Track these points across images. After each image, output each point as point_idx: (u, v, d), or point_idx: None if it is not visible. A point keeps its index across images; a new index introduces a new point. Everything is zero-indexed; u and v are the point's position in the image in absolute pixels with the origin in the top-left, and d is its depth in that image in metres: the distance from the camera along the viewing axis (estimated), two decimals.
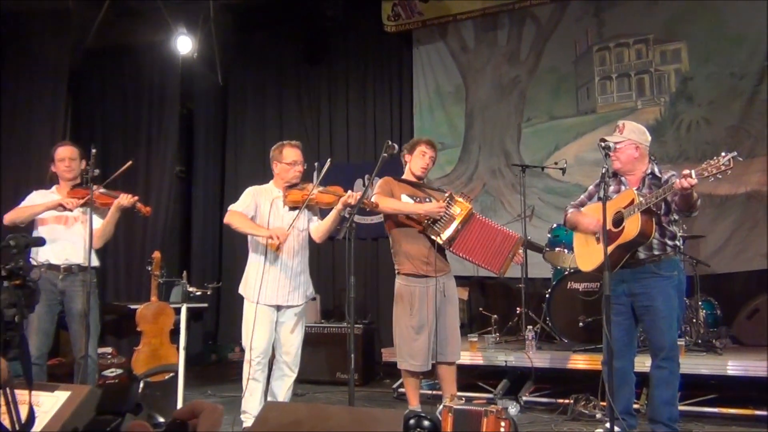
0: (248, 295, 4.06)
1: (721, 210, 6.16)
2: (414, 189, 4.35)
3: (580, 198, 4.05)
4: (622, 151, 3.73)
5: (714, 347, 5.04)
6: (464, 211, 4.17)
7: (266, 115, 8.57)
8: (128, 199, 4.20)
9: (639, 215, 3.52)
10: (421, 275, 4.22)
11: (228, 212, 4.13)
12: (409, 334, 4.20)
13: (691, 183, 3.29)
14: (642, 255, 3.64)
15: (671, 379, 3.64)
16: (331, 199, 3.97)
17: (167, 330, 5.02)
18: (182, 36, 7.14)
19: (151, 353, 4.96)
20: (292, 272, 4.09)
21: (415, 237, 4.25)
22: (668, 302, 3.63)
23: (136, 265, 7.33)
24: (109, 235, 4.31)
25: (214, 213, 8.62)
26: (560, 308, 5.56)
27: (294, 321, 4.12)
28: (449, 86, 7.62)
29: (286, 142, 4.25)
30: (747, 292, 6.00)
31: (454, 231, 4.15)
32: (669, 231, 3.67)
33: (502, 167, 7.25)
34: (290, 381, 4.12)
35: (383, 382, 6.24)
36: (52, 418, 2.74)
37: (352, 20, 7.88)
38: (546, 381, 5.28)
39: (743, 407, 4.55)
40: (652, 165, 3.79)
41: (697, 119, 6.40)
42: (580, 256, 3.99)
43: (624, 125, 3.81)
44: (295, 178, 4.13)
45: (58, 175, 4.30)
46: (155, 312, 5.06)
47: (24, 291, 2.15)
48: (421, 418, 2.40)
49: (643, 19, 6.68)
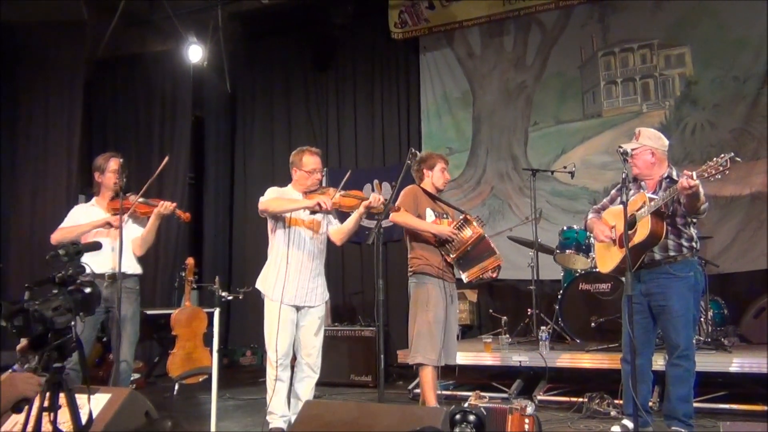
0: (268, 292, 4.12)
1: (726, 211, 6.27)
2: (433, 203, 4.50)
3: (603, 202, 4.18)
4: (638, 157, 3.85)
5: (723, 345, 5.15)
6: (475, 235, 4.31)
7: (274, 121, 8.68)
8: (168, 208, 4.29)
9: (649, 217, 3.63)
10: (434, 274, 4.38)
11: (260, 202, 4.13)
12: (428, 329, 4.31)
13: (691, 183, 3.40)
14: (658, 256, 3.75)
15: (687, 377, 3.74)
16: (354, 202, 4.05)
17: (201, 333, 5.12)
18: (193, 45, 7.25)
19: (185, 356, 5.05)
20: (311, 274, 4.18)
21: (428, 248, 4.42)
22: (683, 302, 3.73)
23: (149, 271, 7.39)
24: (151, 242, 4.40)
25: (224, 219, 8.74)
26: (572, 309, 5.67)
27: (315, 322, 4.21)
28: (456, 92, 7.73)
29: (306, 148, 4.29)
30: (752, 292, 6.11)
31: (463, 252, 4.32)
32: (685, 233, 3.77)
33: (510, 171, 7.36)
34: (313, 382, 4.19)
35: (397, 384, 6.33)
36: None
37: (359, 27, 8.00)
38: (558, 380, 5.37)
39: (753, 404, 4.65)
40: (670, 169, 3.90)
41: (702, 122, 6.52)
42: (600, 258, 4.13)
43: (640, 132, 3.93)
44: (313, 185, 4.21)
45: (101, 185, 4.35)
46: (189, 316, 5.17)
47: (79, 296, 2.24)
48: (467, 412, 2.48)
49: (647, 24, 6.80)
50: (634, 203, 3.78)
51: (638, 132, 3.95)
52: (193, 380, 4.93)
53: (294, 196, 4.23)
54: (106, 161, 4.35)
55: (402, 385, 6.12)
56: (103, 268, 4.15)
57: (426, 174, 4.56)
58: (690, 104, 6.60)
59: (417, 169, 4.59)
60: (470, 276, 4.40)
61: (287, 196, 4.21)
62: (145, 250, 4.37)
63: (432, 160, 4.56)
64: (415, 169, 4.59)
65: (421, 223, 4.37)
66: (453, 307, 4.47)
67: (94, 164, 4.43)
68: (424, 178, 4.57)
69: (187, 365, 4.94)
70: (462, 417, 2.43)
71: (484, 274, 4.37)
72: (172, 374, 4.93)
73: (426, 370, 4.33)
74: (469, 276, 4.40)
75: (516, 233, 6.35)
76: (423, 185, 4.57)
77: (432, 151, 4.91)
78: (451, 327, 4.45)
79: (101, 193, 4.40)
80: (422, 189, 4.54)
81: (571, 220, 6.40)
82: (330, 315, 7.25)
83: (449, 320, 4.41)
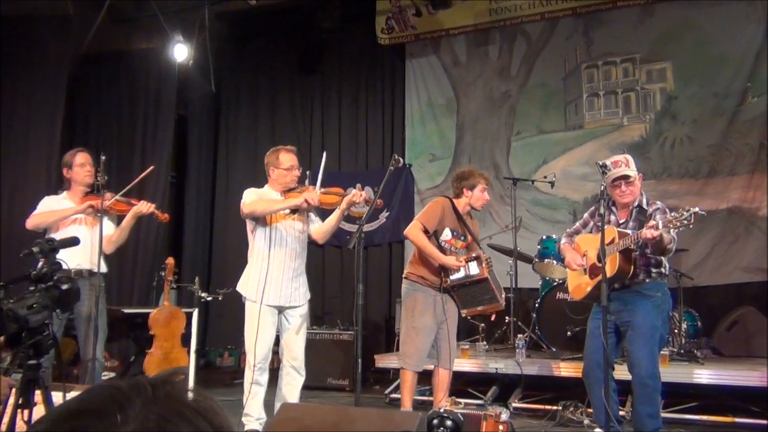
0: (249, 294, 4.09)
1: (703, 225, 6.34)
2: (458, 223, 4.50)
3: (575, 226, 4.20)
4: (636, 185, 3.84)
5: (696, 357, 5.23)
6: (479, 277, 4.33)
7: (259, 123, 8.67)
8: (147, 207, 4.27)
9: (617, 255, 3.67)
10: (425, 285, 4.46)
11: (243, 205, 4.09)
12: (410, 335, 4.42)
13: (654, 235, 3.47)
14: (627, 281, 3.80)
15: (653, 394, 3.78)
16: (335, 199, 4.03)
17: (179, 334, 5.11)
18: (179, 44, 7.24)
19: (163, 356, 5.04)
20: (294, 273, 4.16)
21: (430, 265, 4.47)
22: (648, 320, 3.76)
23: (127, 270, 7.38)
24: (123, 241, 4.39)
25: (205, 219, 8.71)
26: (549, 318, 5.72)
27: (298, 323, 4.20)
28: (441, 99, 7.78)
29: (281, 147, 4.28)
30: (727, 305, 6.22)
31: (460, 284, 4.36)
32: (654, 259, 3.81)
33: (492, 179, 7.35)
34: (300, 384, 4.18)
35: (374, 388, 6.34)
36: None
37: (346, 32, 8.03)
38: (534, 388, 5.42)
39: (723, 415, 4.73)
40: (641, 196, 3.90)
41: (681, 137, 6.62)
42: (572, 285, 4.16)
43: (627, 160, 3.86)
44: (292, 182, 4.18)
45: (71, 181, 4.34)
46: (167, 316, 5.16)
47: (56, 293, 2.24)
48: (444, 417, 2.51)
49: (631, 38, 6.91)
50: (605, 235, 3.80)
51: (626, 160, 3.86)
52: None
53: (273, 196, 4.20)
54: (72, 156, 4.34)
55: (379, 390, 6.13)
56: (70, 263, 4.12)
57: (465, 194, 4.50)
58: (670, 119, 6.71)
59: (455, 186, 4.54)
60: (469, 313, 4.54)
61: (267, 197, 4.18)
62: (115, 248, 4.36)
63: (473, 179, 4.48)
64: (453, 186, 4.58)
65: (432, 250, 4.38)
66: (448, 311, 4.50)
67: (63, 160, 4.41)
68: (462, 197, 4.51)
69: (164, 365, 4.93)
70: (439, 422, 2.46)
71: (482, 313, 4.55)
72: (149, 374, 4.91)
73: (404, 373, 4.46)
74: (468, 313, 4.53)
75: (496, 241, 6.40)
76: (457, 203, 4.52)
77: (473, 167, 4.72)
78: (445, 334, 4.49)
79: (72, 188, 4.36)
80: (452, 205, 4.51)
81: (551, 229, 6.46)
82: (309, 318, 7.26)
83: (444, 327, 4.48)
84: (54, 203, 4.30)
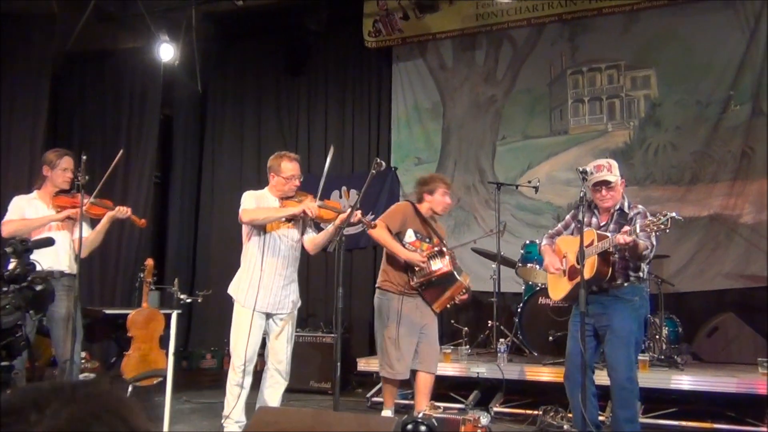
0: (240, 298, 4.09)
1: (685, 231, 6.40)
2: (422, 226, 4.54)
3: (557, 227, 4.21)
4: (617, 190, 3.86)
5: (676, 363, 5.26)
6: (444, 270, 4.38)
7: (245, 124, 8.64)
8: (124, 212, 4.23)
9: (595, 257, 3.68)
10: (395, 292, 4.50)
11: (244, 212, 4.05)
12: (386, 344, 4.47)
13: (627, 240, 3.50)
14: (605, 284, 3.81)
15: (632, 399, 3.81)
16: (331, 215, 4.03)
17: (157, 336, 5.08)
18: (165, 44, 7.20)
19: (141, 358, 5.00)
20: (285, 281, 4.15)
21: (398, 266, 4.51)
22: (625, 324, 3.78)
23: (110, 270, 7.33)
24: (97, 244, 4.33)
25: (190, 220, 8.66)
26: (531, 323, 5.74)
27: (285, 328, 4.19)
28: (427, 102, 7.79)
29: (285, 153, 4.25)
30: (707, 311, 6.26)
31: (426, 281, 4.41)
32: (632, 264, 3.83)
33: (477, 183, 7.43)
34: (282, 389, 4.18)
35: (356, 392, 6.33)
36: None
37: (333, 34, 8.03)
38: (516, 393, 5.43)
39: (702, 421, 4.76)
40: (623, 200, 3.92)
41: (664, 144, 6.67)
42: (551, 286, 4.18)
43: (610, 165, 3.87)
44: (290, 191, 4.16)
45: (47, 180, 4.27)
46: (146, 318, 5.12)
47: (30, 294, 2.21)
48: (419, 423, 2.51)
49: (616, 45, 6.95)
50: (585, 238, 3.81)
51: (608, 165, 3.88)
52: (148, 382, 4.88)
53: (270, 200, 4.20)
54: (58, 157, 4.25)
55: (361, 393, 6.13)
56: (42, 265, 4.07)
57: (426, 198, 4.55)
58: (654, 125, 6.75)
59: (417, 192, 4.61)
60: (439, 307, 4.54)
61: (265, 201, 4.17)
62: (89, 251, 4.30)
63: (433, 184, 4.54)
64: (415, 191, 4.63)
65: (395, 246, 4.44)
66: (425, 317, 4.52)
67: (45, 157, 4.31)
68: (424, 201, 4.57)
69: (142, 367, 4.90)
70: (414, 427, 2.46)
71: (452, 301, 4.50)
72: (127, 376, 4.88)
73: (386, 381, 4.56)
74: (438, 307, 4.54)
75: (480, 245, 6.41)
76: (420, 207, 4.57)
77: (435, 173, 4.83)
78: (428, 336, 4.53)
79: (43, 188, 4.28)
80: (415, 209, 4.56)
81: (535, 234, 6.48)
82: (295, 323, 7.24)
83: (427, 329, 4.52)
84: (24, 203, 4.22)
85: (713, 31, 6.55)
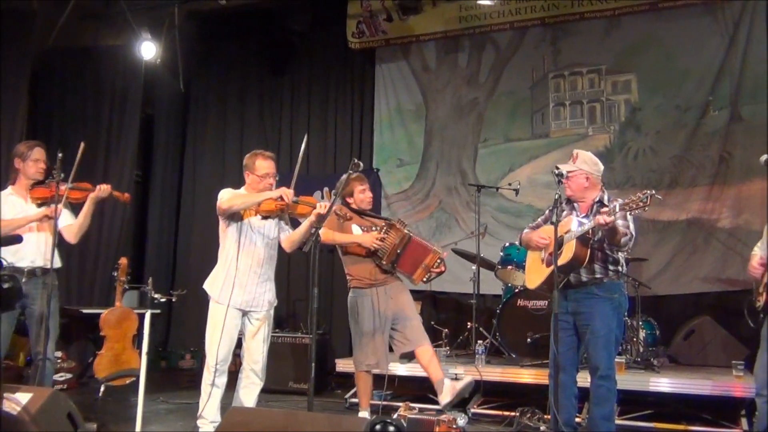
0: (215, 294, 4.08)
1: (663, 235, 6.47)
2: (360, 219, 4.63)
3: (537, 221, 4.26)
4: (573, 179, 3.94)
5: (652, 365, 5.30)
6: (399, 236, 4.46)
7: (227, 123, 8.61)
8: (105, 191, 4.21)
9: (574, 241, 3.71)
10: (365, 287, 4.56)
11: (220, 201, 4.07)
12: (359, 340, 4.55)
13: (607, 220, 3.53)
14: (585, 278, 3.84)
15: (609, 396, 3.84)
16: (306, 210, 4.05)
17: (130, 335, 5.05)
18: (146, 42, 7.16)
19: (113, 358, 4.97)
20: (260, 278, 4.15)
21: (359, 260, 4.56)
22: (606, 322, 3.82)
23: (89, 269, 7.26)
24: (86, 228, 4.30)
25: (170, 219, 8.62)
26: (510, 324, 5.76)
27: (262, 328, 4.18)
28: (410, 104, 7.80)
29: (259, 152, 4.26)
30: (685, 314, 6.32)
31: (394, 255, 4.47)
32: (612, 257, 3.87)
33: (458, 185, 7.45)
34: (258, 389, 4.17)
35: (335, 393, 6.32)
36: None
37: (317, 35, 8.03)
38: (494, 394, 5.44)
39: (678, 423, 4.80)
40: (602, 193, 3.99)
41: (644, 148, 6.73)
42: (529, 274, 4.22)
43: (577, 155, 4.01)
44: (265, 189, 4.16)
45: (19, 173, 4.21)
46: (119, 317, 5.09)
47: None
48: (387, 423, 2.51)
49: (597, 49, 7.00)
50: (564, 225, 3.85)
51: (576, 154, 4.02)
52: (120, 382, 4.86)
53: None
54: (29, 149, 4.21)
55: (340, 394, 6.12)
56: (22, 261, 4.04)
57: (348, 201, 4.67)
58: (634, 129, 6.81)
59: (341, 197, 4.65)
60: (417, 278, 4.54)
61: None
62: (80, 237, 4.28)
63: (348, 188, 4.62)
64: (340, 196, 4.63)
65: (345, 237, 4.52)
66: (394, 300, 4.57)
67: (16, 150, 4.27)
68: (349, 204, 4.68)
69: (115, 367, 4.86)
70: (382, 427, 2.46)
71: (430, 272, 4.51)
72: (99, 375, 4.85)
73: (358, 376, 4.60)
74: (416, 279, 4.54)
75: (461, 247, 6.43)
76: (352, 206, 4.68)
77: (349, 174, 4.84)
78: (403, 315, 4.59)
79: (18, 181, 4.24)
80: (349, 207, 4.63)
81: (516, 236, 6.41)
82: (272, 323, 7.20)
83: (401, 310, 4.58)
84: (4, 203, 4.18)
85: (693, 37, 6.62)
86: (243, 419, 2.54)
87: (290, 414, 2.63)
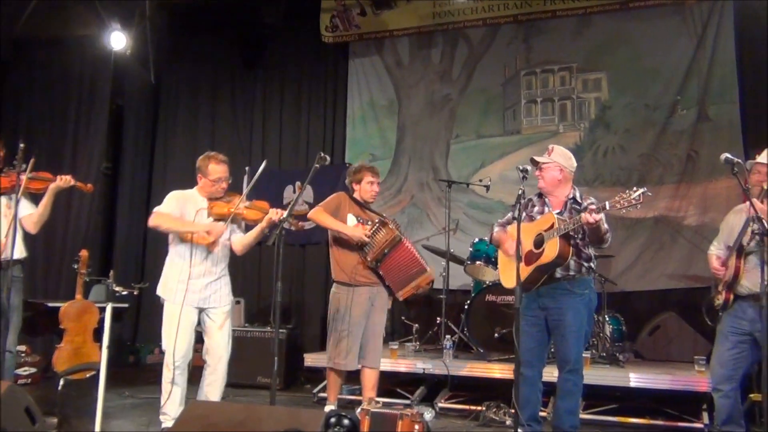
0: (168, 296, 4.06)
1: (631, 232, 6.55)
2: (360, 210, 4.61)
3: (507, 216, 4.24)
4: (547, 171, 3.97)
5: (617, 360, 5.36)
6: (389, 237, 4.46)
7: (198, 116, 8.53)
8: (66, 182, 4.16)
9: (558, 239, 3.71)
10: (348, 284, 4.52)
11: (153, 214, 4.09)
12: (335, 336, 4.52)
13: (596, 219, 3.56)
14: (558, 274, 3.85)
15: (575, 391, 3.90)
16: (257, 216, 4.04)
17: (91, 328, 4.97)
18: (116, 32, 7.07)
19: (73, 351, 4.89)
20: (214, 277, 4.14)
21: (348, 247, 4.53)
22: (578, 318, 3.86)
23: (55, 262, 7.17)
24: (46, 218, 4.26)
25: (140, 212, 8.48)
26: (478, 319, 5.78)
27: (222, 321, 4.15)
28: (383, 99, 7.80)
29: (213, 155, 4.21)
30: (651, 310, 6.41)
31: (380, 254, 4.47)
32: (585, 253, 3.90)
33: (430, 181, 7.47)
34: (222, 384, 4.15)
35: (304, 387, 6.30)
36: None
37: (290, 28, 7.98)
38: (462, 389, 5.47)
39: (641, 417, 4.87)
40: (574, 190, 4.01)
41: (613, 146, 6.80)
42: (504, 273, 4.19)
43: (553, 149, 4.04)
44: (218, 193, 4.16)
45: None
46: (79, 310, 5.01)
47: None
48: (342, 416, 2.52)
49: (568, 48, 7.06)
50: (543, 222, 3.85)
51: (551, 148, 4.04)
52: (80, 376, 4.79)
53: (198, 200, 4.17)
54: None
55: (309, 389, 6.10)
56: None
57: (354, 188, 4.66)
58: (603, 127, 6.88)
59: (348, 182, 4.70)
60: (404, 295, 4.63)
61: (191, 202, 4.14)
62: (39, 227, 4.24)
63: (359, 174, 4.64)
64: (348, 182, 4.71)
65: (335, 223, 4.48)
66: (375, 310, 4.60)
67: None
68: (354, 191, 4.67)
69: (75, 360, 4.80)
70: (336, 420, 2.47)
71: (417, 291, 4.61)
72: (58, 369, 4.78)
73: (330, 372, 4.63)
74: (403, 295, 4.63)
75: (433, 242, 6.45)
76: (354, 196, 4.67)
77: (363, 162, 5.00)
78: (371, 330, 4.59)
79: None
80: (351, 197, 4.64)
81: (487, 232, 6.50)
82: (243, 316, 7.17)
83: (371, 323, 4.58)
84: None
85: (662, 37, 6.70)
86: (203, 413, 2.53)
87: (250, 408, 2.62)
